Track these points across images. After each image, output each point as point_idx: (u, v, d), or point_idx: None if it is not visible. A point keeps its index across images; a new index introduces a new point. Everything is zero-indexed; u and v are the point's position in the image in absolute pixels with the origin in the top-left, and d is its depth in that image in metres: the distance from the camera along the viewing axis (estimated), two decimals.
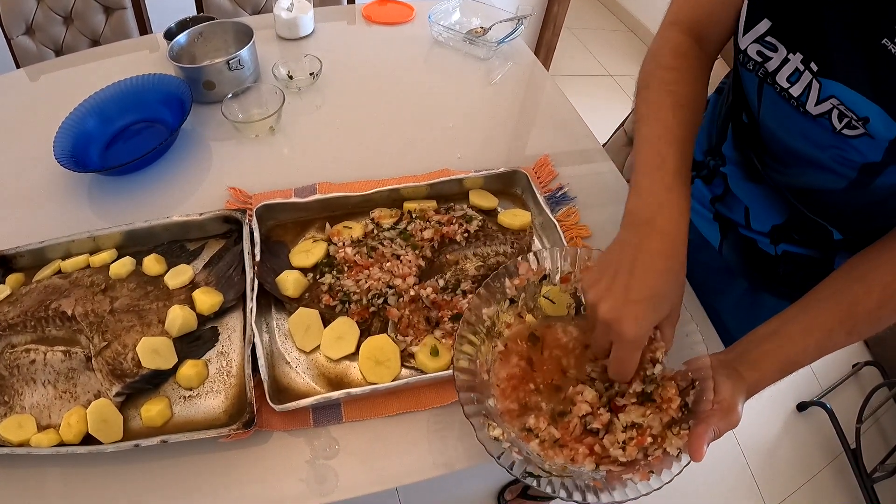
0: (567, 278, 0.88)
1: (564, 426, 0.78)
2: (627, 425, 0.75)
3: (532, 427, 0.78)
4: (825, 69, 0.75)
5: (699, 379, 0.76)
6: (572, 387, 0.80)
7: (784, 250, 1.00)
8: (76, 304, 0.97)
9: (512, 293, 0.87)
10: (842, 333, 0.76)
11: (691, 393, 0.75)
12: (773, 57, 0.81)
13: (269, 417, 0.90)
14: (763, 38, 0.81)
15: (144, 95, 1.39)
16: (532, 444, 0.76)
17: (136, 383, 0.90)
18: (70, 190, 1.24)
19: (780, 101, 0.84)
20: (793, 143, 0.88)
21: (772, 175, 0.96)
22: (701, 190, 1.12)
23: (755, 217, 1.02)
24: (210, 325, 1.00)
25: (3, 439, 0.86)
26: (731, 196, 1.05)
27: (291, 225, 1.15)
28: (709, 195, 1.10)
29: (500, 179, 1.24)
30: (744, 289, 1.12)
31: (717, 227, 1.10)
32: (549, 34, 3.67)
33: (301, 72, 1.53)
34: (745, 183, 1.02)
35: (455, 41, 1.73)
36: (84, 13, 2.07)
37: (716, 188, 1.09)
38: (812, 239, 0.97)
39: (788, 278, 1.02)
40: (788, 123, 0.87)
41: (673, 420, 0.74)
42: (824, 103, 0.77)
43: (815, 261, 0.98)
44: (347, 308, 0.99)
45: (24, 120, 1.44)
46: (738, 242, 1.07)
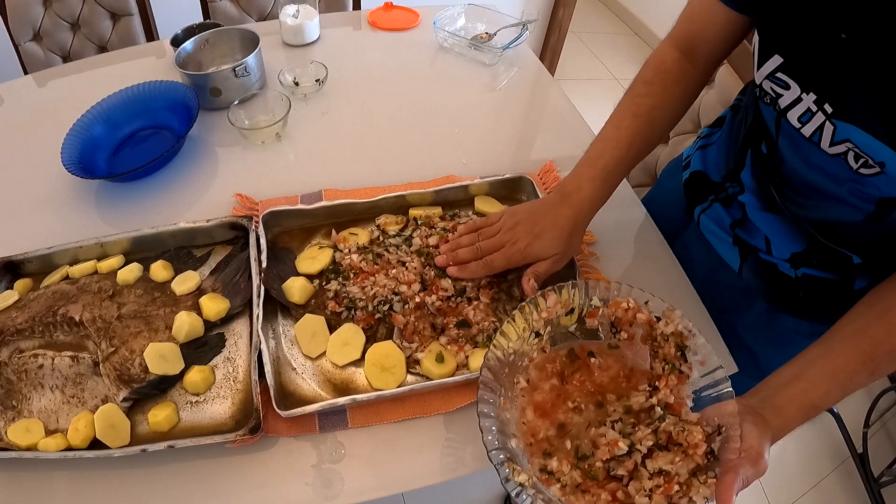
0: (594, 313, 0.87)
1: (586, 471, 0.77)
2: (654, 472, 0.74)
3: (554, 471, 0.77)
4: (840, 112, 0.75)
5: (725, 426, 0.74)
6: (594, 427, 0.80)
7: (804, 273, 1.00)
8: (84, 310, 0.97)
9: (538, 326, 0.86)
10: (864, 374, 0.76)
11: (717, 439, 0.74)
12: (784, 94, 0.82)
13: (275, 423, 0.90)
14: (774, 74, 0.82)
15: (151, 102, 1.40)
16: (553, 488, 0.75)
17: (143, 388, 0.91)
18: (77, 196, 1.25)
19: (798, 134, 0.84)
20: (810, 176, 0.88)
21: (789, 207, 0.96)
22: (720, 213, 1.12)
23: (775, 246, 1.02)
24: (217, 332, 1.01)
25: (12, 443, 0.86)
26: (750, 223, 1.05)
27: (297, 231, 1.15)
28: (728, 220, 1.10)
29: (506, 185, 1.24)
30: (763, 309, 1.11)
31: (737, 250, 1.09)
32: (554, 39, 3.68)
33: (307, 78, 1.53)
34: (763, 213, 1.02)
35: (460, 47, 1.73)
36: (91, 19, 2.08)
37: (735, 213, 1.08)
38: (832, 264, 0.96)
39: (809, 300, 1.01)
40: (806, 158, 0.87)
41: (699, 467, 0.73)
42: (839, 145, 0.77)
43: (835, 283, 0.97)
44: (353, 314, 0.99)
45: (32, 126, 1.44)
46: (758, 266, 1.06)
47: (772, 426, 0.75)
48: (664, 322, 0.83)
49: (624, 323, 0.85)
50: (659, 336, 0.83)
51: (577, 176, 1.03)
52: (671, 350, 0.81)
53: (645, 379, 0.83)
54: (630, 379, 0.85)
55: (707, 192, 1.15)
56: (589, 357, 0.86)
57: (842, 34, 0.71)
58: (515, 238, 1.00)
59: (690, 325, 0.82)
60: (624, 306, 0.85)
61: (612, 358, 0.87)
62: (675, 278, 1.16)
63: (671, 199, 1.29)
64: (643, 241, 1.23)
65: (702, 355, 0.80)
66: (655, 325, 0.83)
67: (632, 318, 0.84)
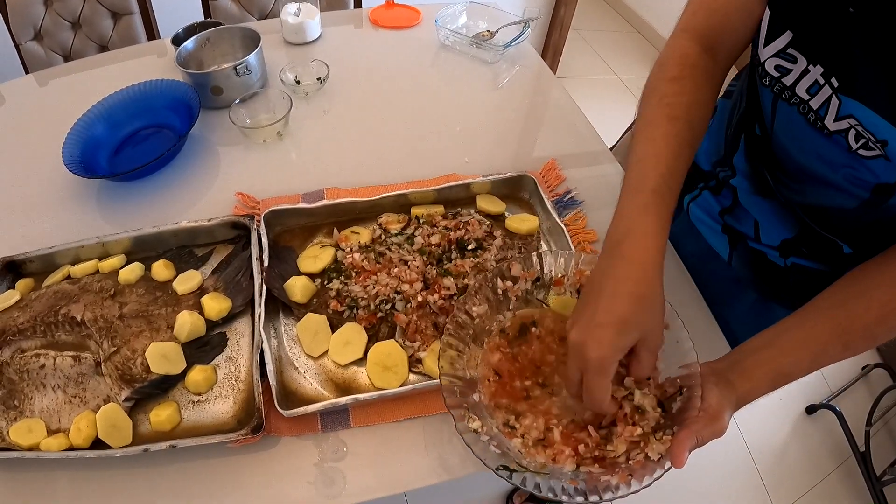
0: (560, 281, 0.89)
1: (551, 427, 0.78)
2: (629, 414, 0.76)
3: (514, 424, 0.79)
4: (846, 87, 0.73)
5: (687, 386, 0.75)
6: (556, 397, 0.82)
7: (793, 262, 0.99)
8: (85, 310, 0.97)
9: (508, 294, 0.89)
10: (837, 347, 0.76)
11: (678, 399, 0.75)
12: (791, 69, 0.80)
13: (278, 422, 0.90)
14: (784, 50, 0.80)
15: (152, 101, 1.40)
16: (514, 441, 0.77)
17: (145, 388, 0.91)
18: (79, 195, 1.25)
19: (795, 117, 0.82)
20: (805, 160, 0.86)
21: (782, 191, 0.94)
22: (709, 201, 1.11)
23: (765, 231, 1.01)
24: (218, 331, 1.01)
25: (14, 443, 0.86)
26: (741, 209, 1.03)
27: (299, 230, 1.15)
28: (717, 207, 1.09)
29: (508, 184, 1.24)
30: (753, 299, 1.11)
31: (726, 238, 1.09)
32: (556, 36, 3.67)
33: (308, 77, 1.53)
34: (755, 197, 1.01)
35: (462, 45, 1.73)
36: (92, 19, 2.08)
37: (724, 200, 1.07)
38: (822, 253, 0.95)
39: (798, 289, 0.98)
40: (802, 141, 0.85)
41: (658, 425, 0.75)
42: (842, 121, 0.75)
43: (824, 274, 0.96)
44: (355, 313, 0.99)
45: (33, 125, 1.44)
46: (748, 254, 1.06)
47: (737, 389, 0.75)
48: None
49: None
50: None
51: (620, 216, 0.78)
52: None
53: None
54: None
55: (697, 181, 1.14)
56: (531, 327, 0.88)
57: (850, 8, 0.70)
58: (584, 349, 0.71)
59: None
60: (587, 274, 0.86)
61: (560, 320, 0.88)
62: (668, 264, 1.11)
63: None
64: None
65: (668, 318, 0.81)
66: None
67: None
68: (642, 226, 0.75)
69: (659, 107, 0.85)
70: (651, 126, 0.84)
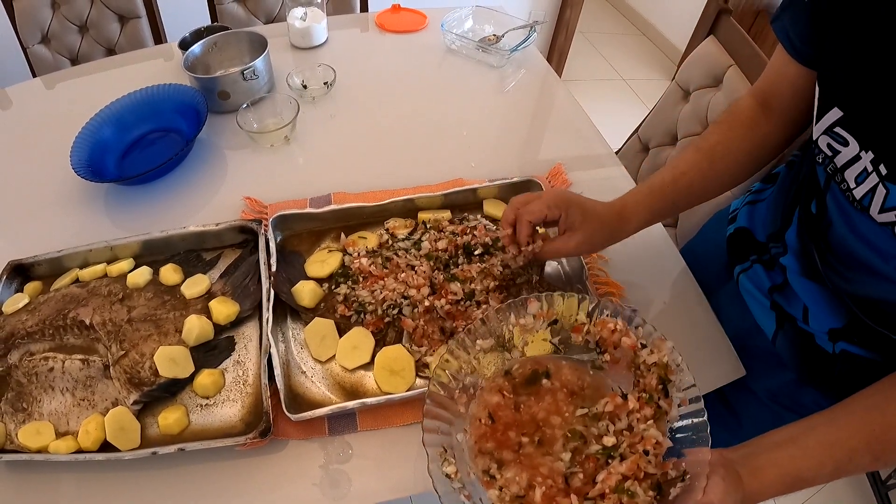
0: (579, 329, 0.85)
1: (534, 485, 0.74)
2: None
3: (495, 474, 0.75)
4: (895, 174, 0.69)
5: (693, 474, 0.69)
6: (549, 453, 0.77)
7: (843, 349, 0.91)
8: (94, 313, 0.98)
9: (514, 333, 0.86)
10: (866, 457, 0.70)
11: (678, 486, 0.70)
12: (842, 151, 0.77)
13: (285, 426, 0.91)
14: (832, 128, 0.78)
15: (160, 105, 1.41)
16: (491, 491, 0.73)
17: (153, 391, 0.91)
18: (87, 199, 1.26)
19: (845, 201, 0.80)
20: (856, 247, 0.82)
21: (832, 277, 0.89)
22: (760, 276, 1.05)
23: (813, 317, 0.94)
24: (226, 335, 1.01)
25: (22, 446, 0.87)
26: (790, 290, 0.98)
27: (306, 235, 1.16)
28: (768, 283, 1.03)
29: (515, 188, 1.24)
30: (790, 379, 1.03)
31: (774, 316, 1.01)
32: (561, 39, 3.68)
33: (315, 81, 1.54)
34: (804, 280, 0.95)
35: (468, 49, 1.73)
36: (99, 22, 2.09)
37: (776, 277, 1.01)
38: (874, 343, 0.87)
39: (843, 379, 0.92)
40: (853, 226, 0.81)
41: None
42: (888, 213, 0.72)
43: (875, 364, 0.88)
44: (362, 318, 1.00)
45: (41, 129, 1.45)
46: (794, 336, 0.98)
47: (745, 488, 0.70)
48: (649, 350, 0.79)
49: (608, 344, 0.82)
50: (642, 364, 0.79)
51: (637, 193, 1.00)
52: (653, 381, 0.77)
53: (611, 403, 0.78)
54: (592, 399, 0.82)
55: (749, 251, 1.09)
56: (543, 377, 0.84)
57: None
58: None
59: (679, 359, 0.77)
60: (610, 327, 0.82)
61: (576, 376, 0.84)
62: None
63: (712, 252, 1.23)
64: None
65: (686, 393, 0.76)
66: (639, 352, 0.79)
67: (617, 340, 0.81)
68: (628, 197, 0.99)
69: (696, 139, 1.04)
70: (682, 150, 1.05)
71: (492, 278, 1.03)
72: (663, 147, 1.81)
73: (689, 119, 1.69)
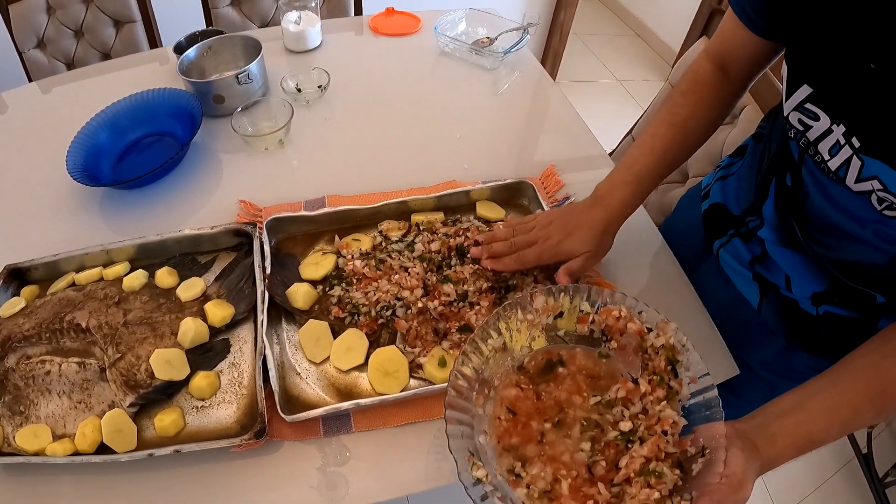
0: (584, 319, 0.86)
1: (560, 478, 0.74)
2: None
3: (520, 473, 0.75)
4: (868, 146, 0.72)
5: (710, 448, 0.70)
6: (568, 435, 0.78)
7: (826, 311, 0.95)
8: (90, 317, 0.98)
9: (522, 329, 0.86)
10: (870, 412, 0.73)
11: (699, 461, 0.71)
12: (813, 126, 0.79)
13: (280, 427, 0.91)
14: (803, 104, 0.80)
15: (155, 109, 1.41)
16: (519, 490, 0.73)
17: (149, 394, 0.92)
18: (83, 203, 1.26)
19: (820, 173, 0.82)
20: (833, 216, 0.85)
21: (812, 245, 0.92)
22: (739, 249, 1.09)
23: (796, 284, 0.98)
24: (222, 337, 1.02)
25: (20, 449, 0.87)
26: (770, 260, 1.02)
27: (301, 237, 1.16)
28: (748, 256, 1.07)
29: (507, 190, 1.25)
30: (781, 345, 1.07)
31: (757, 286, 1.06)
32: (555, 41, 3.69)
33: (309, 84, 1.54)
34: (784, 250, 0.98)
35: (461, 52, 1.74)
36: (94, 27, 2.10)
37: (755, 248, 1.05)
38: (855, 303, 0.91)
39: (830, 339, 0.97)
40: (830, 196, 0.84)
41: (675, 487, 0.70)
42: (864, 183, 0.74)
43: (858, 322, 0.92)
44: (356, 320, 1.00)
45: (37, 133, 1.46)
46: (778, 303, 1.03)
47: (762, 455, 0.71)
48: (655, 334, 0.80)
49: (614, 331, 0.84)
50: (649, 348, 0.81)
51: (610, 181, 1.05)
52: (661, 363, 0.79)
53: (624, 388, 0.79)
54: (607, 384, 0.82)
55: (726, 226, 1.13)
56: (558, 365, 0.85)
57: (871, 64, 0.69)
58: (548, 235, 1.02)
59: (685, 339, 0.79)
60: (615, 314, 0.83)
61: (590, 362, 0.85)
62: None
63: (689, 230, 1.27)
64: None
65: (694, 371, 0.77)
66: (646, 336, 0.81)
67: (623, 327, 0.82)
68: (619, 193, 1.02)
69: (664, 113, 1.05)
70: (653, 126, 1.05)
71: (484, 279, 1.04)
72: None
73: None
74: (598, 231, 1.00)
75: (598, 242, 1.00)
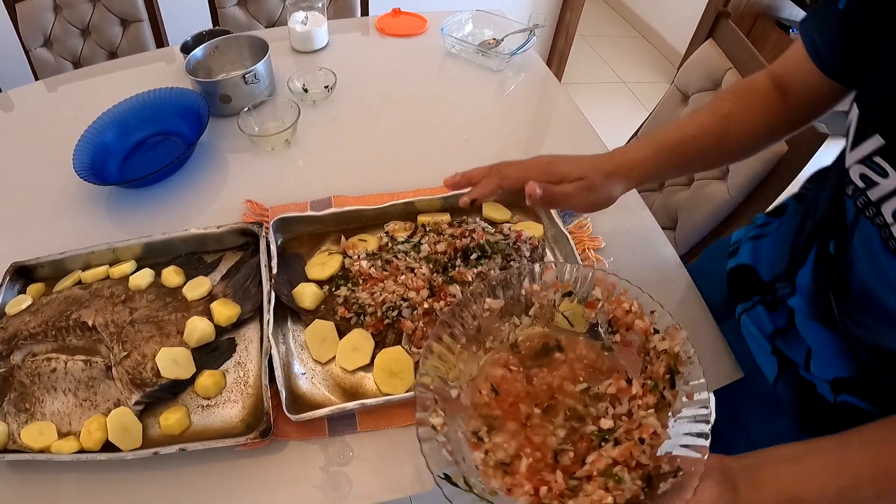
0: (593, 304, 0.83)
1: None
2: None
3: (484, 437, 0.74)
4: None
5: (686, 472, 0.66)
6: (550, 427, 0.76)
7: (844, 400, 0.84)
8: (96, 315, 0.98)
9: (532, 299, 0.84)
10: (869, 490, 0.66)
11: (669, 481, 0.66)
12: (880, 183, 0.69)
13: (285, 427, 0.91)
14: (871, 158, 0.69)
15: (162, 108, 1.42)
16: (476, 454, 0.72)
17: (155, 392, 0.92)
18: (89, 201, 1.27)
19: (875, 239, 0.71)
20: (880, 292, 0.73)
21: (847, 323, 0.80)
22: (762, 318, 0.97)
23: (817, 362, 0.86)
24: (227, 336, 1.02)
25: (25, 446, 0.87)
26: (795, 333, 0.90)
27: (307, 238, 1.16)
28: (770, 327, 0.95)
29: (513, 192, 1.24)
30: (790, 426, 0.95)
31: (776, 361, 0.94)
32: (561, 42, 3.69)
33: (316, 85, 1.55)
34: (813, 323, 0.86)
35: (468, 53, 1.74)
36: (101, 26, 2.10)
37: (779, 320, 0.94)
38: (880, 397, 0.80)
39: (843, 429, 0.79)
40: (879, 268, 0.72)
41: (634, 499, 0.67)
42: None
43: (875, 417, 0.76)
44: (362, 320, 1.00)
45: (43, 131, 1.47)
46: (795, 382, 0.91)
47: (740, 499, 0.66)
48: (661, 337, 0.77)
49: (621, 325, 0.81)
50: (652, 350, 0.77)
51: (631, 143, 0.97)
52: (660, 370, 0.75)
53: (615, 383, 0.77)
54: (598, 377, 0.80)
55: (753, 291, 1.01)
56: (555, 350, 0.83)
57: None
58: (538, 159, 0.95)
59: (692, 351, 0.74)
60: (625, 307, 0.80)
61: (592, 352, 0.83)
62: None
63: (712, 284, 1.15)
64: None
65: (693, 389, 0.72)
66: (651, 337, 0.78)
67: (630, 322, 0.80)
68: (635, 151, 0.94)
69: (710, 103, 0.98)
70: (694, 111, 0.97)
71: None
72: None
73: None
74: (602, 169, 0.90)
75: (599, 180, 0.90)
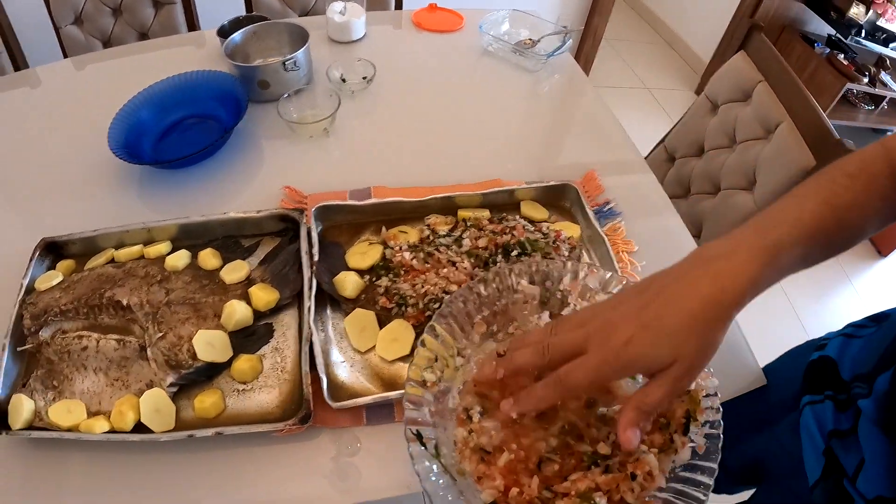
0: None
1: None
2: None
3: (474, 416, 0.70)
4: None
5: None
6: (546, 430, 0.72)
7: None
8: (131, 294, 0.97)
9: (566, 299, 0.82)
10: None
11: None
12: None
13: (322, 414, 0.90)
14: None
15: (198, 91, 1.40)
16: (459, 429, 0.69)
17: (190, 374, 0.91)
18: (120, 180, 1.26)
19: None
20: None
21: None
22: (826, 414, 0.89)
23: (866, 475, 0.79)
24: (265, 322, 1.01)
25: (52, 423, 0.86)
26: (854, 439, 0.82)
27: (346, 227, 1.16)
28: (830, 426, 0.87)
29: (551, 192, 1.24)
30: None
31: (822, 464, 0.87)
32: (588, 45, 3.71)
33: (354, 75, 1.54)
34: (876, 431, 0.78)
35: (504, 52, 1.73)
36: (133, 6, 2.09)
37: (843, 421, 0.86)
38: None
39: None
40: None
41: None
42: None
43: None
44: (404, 311, 0.99)
45: (72, 109, 1.46)
46: (835, 492, 0.84)
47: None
48: None
49: None
50: None
51: (732, 239, 0.67)
52: (678, 411, 0.69)
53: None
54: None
55: (826, 385, 0.93)
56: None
57: None
58: (610, 328, 0.63)
59: (718, 403, 0.70)
60: None
61: None
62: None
63: (785, 381, 1.06)
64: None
65: (704, 441, 0.69)
66: None
67: None
68: (744, 261, 0.63)
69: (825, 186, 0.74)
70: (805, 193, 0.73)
71: None
72: (688, 158, 1.83)
73: (716, 132, 1.71)
74: (700, 322, 0.61)
75: (698, 342, 0.61)
